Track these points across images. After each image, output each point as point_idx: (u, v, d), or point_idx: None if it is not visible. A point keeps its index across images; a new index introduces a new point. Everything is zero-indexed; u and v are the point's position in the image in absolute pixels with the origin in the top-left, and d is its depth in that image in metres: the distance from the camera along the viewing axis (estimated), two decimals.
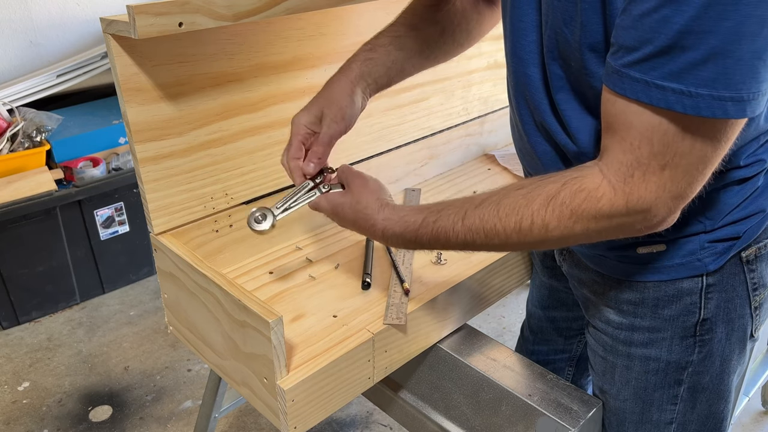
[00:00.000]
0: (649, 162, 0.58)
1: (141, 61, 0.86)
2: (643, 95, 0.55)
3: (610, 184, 0.61)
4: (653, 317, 0.78)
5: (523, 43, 0.73)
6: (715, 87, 0.52)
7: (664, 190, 0.59)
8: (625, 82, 0.56)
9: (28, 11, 2.32)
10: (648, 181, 0.59)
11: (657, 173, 0.58)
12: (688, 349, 0.78)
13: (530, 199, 0.66)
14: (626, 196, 0.60)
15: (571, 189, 0.63)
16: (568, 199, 0.63)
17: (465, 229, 0.70)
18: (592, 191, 0.62)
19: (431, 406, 1.03)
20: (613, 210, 0.61)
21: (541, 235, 0.66)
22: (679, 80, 0.53)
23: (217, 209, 1.03)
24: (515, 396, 0.90)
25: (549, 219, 0.64)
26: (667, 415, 0.83)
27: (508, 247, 0.70)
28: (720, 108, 0.53)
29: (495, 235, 0.68)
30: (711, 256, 0.74)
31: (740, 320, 0.78)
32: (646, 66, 0.54)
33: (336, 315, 0.94)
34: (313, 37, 1.07)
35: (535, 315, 1.12)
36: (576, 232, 0.64)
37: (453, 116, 1.38)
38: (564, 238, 0.65)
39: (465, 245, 0.72)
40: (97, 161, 2.19)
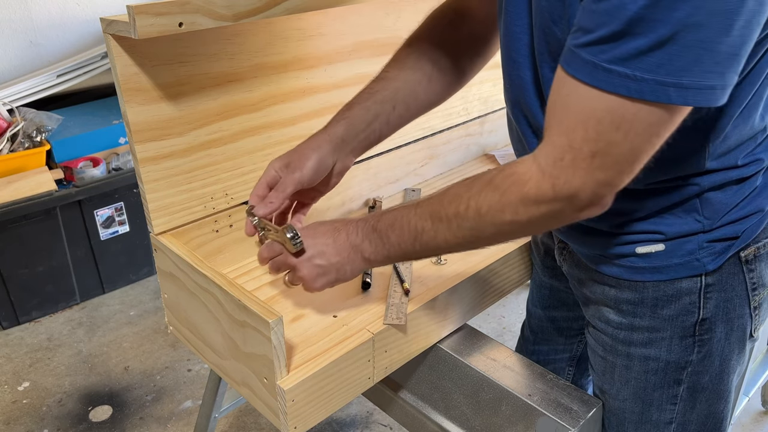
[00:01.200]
0: (581, 147, 0.59)
1: (141, 61, 0.86)
2: (590, 76, 0.56)
3: (539, 168, 0.62)
4: (652, 317, 0.78)
5: (517, 47, 0.73)
6: (659, 73, 0.53)
7: (591, 177, 0.60)
8: (576, 61, 0.57)
9: (28, 11, 2.32)
10: (577, 166, 0.60)
11: (587, 159, 0.59)
12: (688, 348, 0.78)
13: (470, 186, 0.69)
14: (553, 179, 0.61)
15: (504, 173, 0.66)
16: (499, 182, 0.66)
17: (416, 216, 0.74)
18: (521, 174, 0.64)
19: (431, 406, 1.03)
20: (539, 194, 0.63)
21: (475, 220, 0.68)
22: (626, 65, 0.54)
23: (217, 209, 1.03)
24: (515, 396, 0.90)
25: (481, 203, 0.67)
26: (666, 414, 0.83)
27: (449, 235, 0.71)
28: (663, 93, 0.54)
29: (438, 220, 0.71)
30: (710, 256, 0.74)
31: (739, 320, 0.78)
32: (596, 48, 0.56)
33: (336, 315, 0.94)
34: (313, 37, 1.07)
35: (535, 315, 1.12)
36: (506, 217, 0.66)
37: (453, 116, 1.38)
38: (497, 224, 0.67)
39: (416, 235, 0.74)
40: (97, 161, 2.19)
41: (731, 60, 0.54)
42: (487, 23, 0.90)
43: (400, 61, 0.91)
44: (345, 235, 0.81)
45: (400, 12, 1.18)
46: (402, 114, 0.91)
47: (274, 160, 0.88)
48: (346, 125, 0.88)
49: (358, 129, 0.89)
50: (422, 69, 0.90)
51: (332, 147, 0.87)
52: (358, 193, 1.25)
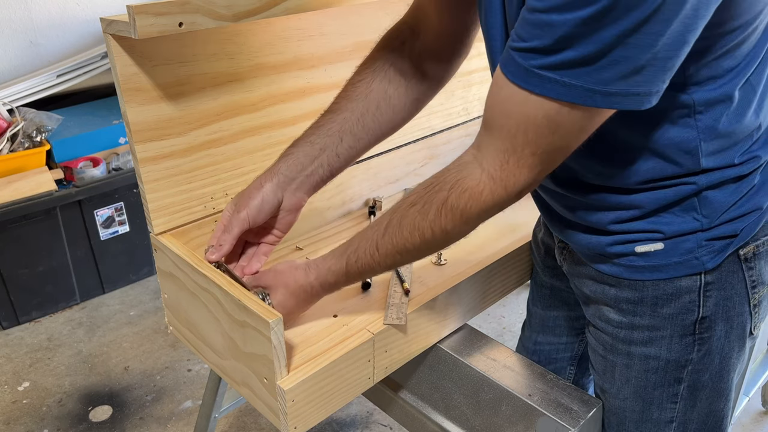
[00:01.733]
0: (523, 149, 0.64)
1: (141, 61, 0.86)
2: (524, 80, 0.60)
3: (489, 175, 0.67)
4: (652, 316, 0.78)
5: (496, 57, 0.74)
6: (587, 81, 0.57)
7: (533, 172, 0.66)
8: (512, 64, 0.61)
9: (28, 11, 2.32)
10: (521, 166, 0.65)
11: (528, 158, 0.64)
12: (688, 347, 0.78)
13: (425, 213, 0.73)
14: (503, 182, 0.67)
15: (456, 192, 0.70)
16: (455, 202, 0.70)
17: (382, 257, 0.78)
18: (475, 188, 0.68)
19: (431, 406, 1.03)
20: (495, 200, 0.68)
21: (443, 239, 0.74)
22: (556, 72, 0.58)
23: (217, 209, 1.03)
24: (515, 396, 0.90)
25: (445, 225, 0.72)
26: (667, 413, 0.83)
27: (423, 254, 0.78)
28: (590, 99, 0.58)
29: (406, 252, 0.77)
30: (709, 254, 0.74)
31: (739, 318, 0.78)
32: (528, 55, 0.59)
33: (336, 315, 0.94)
34: (313, 37, 1.07)
35: (535, 314, 1.12)
36: (470, 226, 0.73)
37: (453, 116, 1.38)
38: (463, 233, 0.74)
39: (391, 265, 0.80)
40: (97, 161, 2.19)
41: (658, 71, 0.57)
42: (443, 39, 0.89)
43: (348, 92, 0.90)
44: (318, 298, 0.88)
45: (400, 12, 1.18)
46: (352, 145, 0.91)
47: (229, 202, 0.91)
48: (290, 161, 0.89)
49: (303, 164, 0.89)
50: (373, 96, 0.90)
51: (275, 185, 0.89)
52: (358, 193, 1.25)
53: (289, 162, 0.89)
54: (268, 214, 0.90)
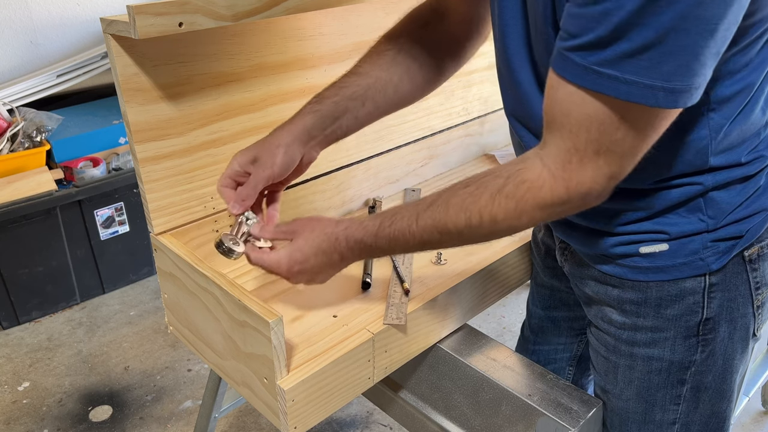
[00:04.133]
0: (586, 148, 0.61)
1: (141, 61, 0.86)
2: (581, 79, 0.58)
3: (550, 172, 0.64)
4: (656, 317, 0.78)
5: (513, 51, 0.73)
6: (648, 76, 0.55)
7: (600, 174, 0.62)
8: (567, 64, 0.59)
9: (28, 11, 2.32)
10: (585, 166, 0.62)
11: (593, 159, 0.61)
12: (691, 348, 0.78)
13: (477, 196, 0.69)
14: (566, 182, 0.63)
15: (514, 182, 0.67)
16: (512, 191, 0.67)
17: (420, 229, 0.74)
18: (534, 181, 0.65)
19: (431, 406, 1.03)
20: (554, 198, 0.65)
21: (491, 228, 0.70)
22: (614, 67, 0.55)
23: (217, 209, 1.03)
24: (515, 396, 0.90)
25: (496, 212, 0.68)
26: (670, 415, 0.83)
27: (462, 241, 0.73)
28: (652, 96, 0.56)
29: (447, 232, 0.72)
30: (713, 256, 0.74)
31: (743, 319, 0.78)
32: (585, 52, 0.57)
33: (336, 315, 0.94)
34: (313, 37, 1.07)
35: (535, 315, 1.12)
36: (523, 222, 0.68)
37: (453, 116, 1.38)
38: (511, 228, 0.70)
39: (423, 244, 0.75)
40: (97, 161, 2.19)
41: (713, 60, 0.56)
42: (464, 26, 0.90)
43: (373, 58, 0.91)
44: (338, 257, 0.81)
45: (400, 12, 1.18)
46: (370, 111, 0.91)
47: (237, 153, 0.87)
48: (314, 119, 0.88)
49: (326, 123, 0.88)
50: (396, 68, 0.90)
51: (300, 141, 0.88)
52: (358, 193, 1.25)
53: (314, 120, 0.88)
54: (290, 170, 0.89)
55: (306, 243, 0.81)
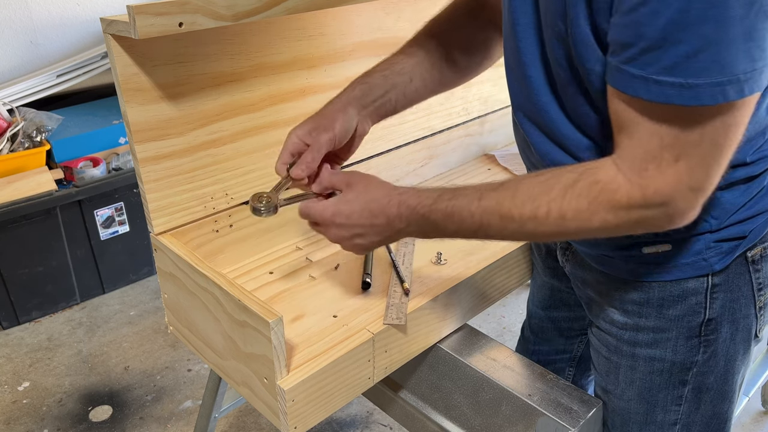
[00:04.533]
0: (662, 154, 0.58)
1: (141, 61, 0.86)
2: (643, 91, 0.56)
3: (626, 177, 0.61)
4: (658, 317, 0.78)
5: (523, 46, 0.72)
6: (710, 74, 0.53)
7: (681, 182, 0.59)
8: (625, 78, 0.57)
9: (28, 11, 2.32)
10: (664, 173, 0.59)
11: (672, 165, 0.58)
12: (693, 349, 0.78)
13: (548, 187, 0.65)
14: (642, 189, 0.60)
15: (587, 180, 0.63)
16: (584, 189, 0.63)
17: (480, 210, 0.69)
18: (608, 183, 0.62)
19: (431, 406, 1.03)
20: (630, 202, 0.61)
21: (557, 225, 0.65)
22: (675, 73, 0.53)
23: (217, 209, 1.03)
24: (515, 396, 0.90)
25: (566, 209, 0.64)
26: (671, 415, 0.82)
27: (521, 235, 0.68)
28: (720, 93, 0.53)
29: (510, 219, 0.67)
30: (717, 256, 0.74)
31: (745, 320, 0.78)
32: (641, 62, 0.55)
33: (336, 315, 0.94)
34: (313, 37, 1.07)
35: (535, 315, 1.12)
36: (593, 224, 0.63)
37: (453, 116, 1.38)
38: (581, 230, 0.65)
39: (479, 228, 0.70)
40: (97, 161, 2.19)
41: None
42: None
43: (421, 40, 0.92)
44: (385, 220, 0.76)
45: (400, 12, 1.18)
46: (418, 88, 0.91)
47: (293, 129, 0.86)
48: (364, 90, 0.88)
49: (375, 95, 0.88)
50: (441, 52, 0.91)
51: (354, 109, 0.87)
52: None
53: (364, 91, 0.88)
54: (348, 137, 0.87)
55: (356, 197, 0.77)
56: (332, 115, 0.86)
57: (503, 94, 1.48)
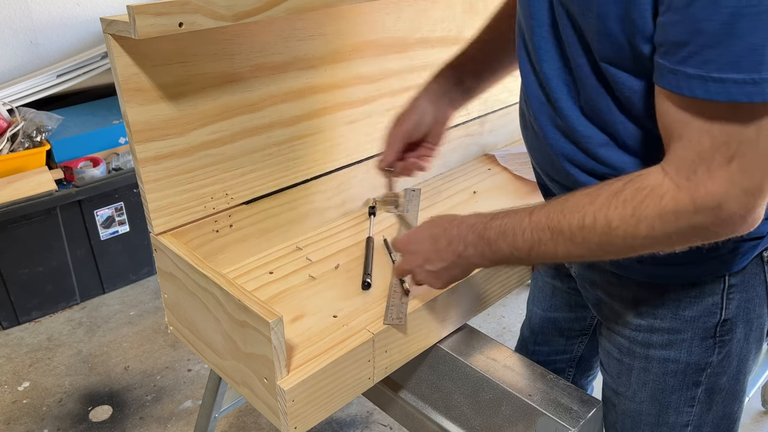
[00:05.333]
0: (713, 155, 0.55)
1: (141, 62, 0.86)
2: (701, 91, 0.53)
3: (673, 182, 0.58)
4: (673, 318, 0.77)
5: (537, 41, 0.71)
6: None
7: (733, 184, 0.56)
8: (681, 80, 0.54)
9: (28, 11, 2.32)
10: (714, 175, 0.56)
11: (724, 166, 0.55)
12: (708, 350, 0.77)
13: (594, 197, 0.64)
14: (691, 193, 0.57)
15: (633, 186, 0.61)
16: (630, 196, 0.61)
17: (532, 225, 0.69)
18: (655, 188, 0.60)
19: (431, 406, 1.03)
20: (678, 207, 0.58)
21: (605, 234, 0.63)
22: (739, 69, 0.51)
23: (217, 209, 1.03)
24: (515, 396, 0.90)
25: (612, 216, 0.62)
26: (683, 417, 0.82)
27: (574, 247, 0.66)
28: None
29: (559, 232, 0.66)
30: (735, 257, 0.73)
31: (758, 320, 0.77)
32: (699, 59, 0.52)
33: (336, 315, 0.94)
34: (313, 37, 1.07)
35: (536, 315, 1.11)
36: (641, 231, 0.61)
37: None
38: (629, 238, 0.62)
39: (533, 244, 0.69)
40: (97, 161, 2.19)
41: None
42: None
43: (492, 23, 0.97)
44: (446, 243, 0.79)
45: (400, 12, 1.18)
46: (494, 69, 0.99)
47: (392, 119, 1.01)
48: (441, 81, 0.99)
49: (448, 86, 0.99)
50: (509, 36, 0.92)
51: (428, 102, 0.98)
52: (358, 193, 1.25)
53: (440, 81, 0.99)
54: (426, 127, 0.99)
55: (424, 224, 0.84)
56: (408, 110, 0.99)
57: (503, 94, 1.48)
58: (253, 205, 1.07)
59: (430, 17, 1.24)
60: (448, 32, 1.28)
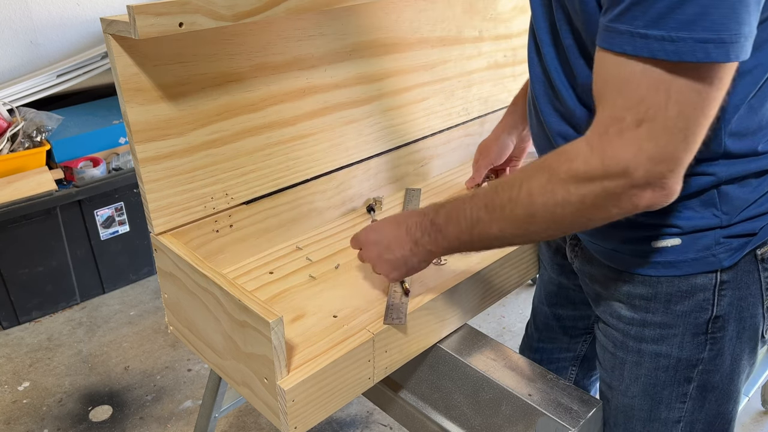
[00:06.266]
0: (624, 116, 0.56)
1: (141, 62, 0.86)
2: (628, 46, 0.55)
3: (587, 143, 0.60)
4: (665, 313, 0.78)
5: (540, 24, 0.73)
6: (694, 29, 0.51)
7: (641, 150, 0.56)
8: (613, 36, 0.56)
9: (28, 11, 2.32)
10: (624, 138, 0.57)
11: (632, 129, 0.56)
12: (699, 346, 0.78)
13: (525, 170, 0.66)
14: (601, 153, 0.58)
15: (556, 152, 0.64)
16: (550, 161, 0.63)
17: (471, 205, 0.72)
18: (570, 151, 0.62)
19: (431, 406, 1.03)
20: (588, 169, 0.60)
21: (529, 205, 0.65)
22: (660, 26, 0.52)
23: (217, 209, 1.03)
24: (515, 396, 0.90)
25: (533, 185, 0.64)
26: (675, 413, 0.82)
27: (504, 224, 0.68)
28: (702, 51, 0.52)
29: (493, 209, 0.69)
30: (726, 252, 0.73)
31: (752, 320, 0.77)
32: (629, 16, 0.54)
33: (336, 315, 0.94)
34: (313, 37, 1.07)
35: (541, 312, 1.11)
36: (557, 197, 0.62)
37: (453, 116, 1.38)
38: (549, 206, 0.63)
39: (473, 227, 0.72)
40: (97, 161, 2.19)
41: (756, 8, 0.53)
42: None
43: None
44: (405, 230, 0.82)
45: (400, 12, 1.18)
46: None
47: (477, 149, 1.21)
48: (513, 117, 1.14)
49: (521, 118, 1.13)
50: None
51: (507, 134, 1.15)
52: (358, 193, 1.25)
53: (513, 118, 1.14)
54: (507, 154, 1.17)
55: (385, 219, 0.88)
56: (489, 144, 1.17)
57: (503, 94, 1.48)
58: (253, 205, 1.07)
59: (430, 17, 1.24)
60: (448, 32, 1.28)
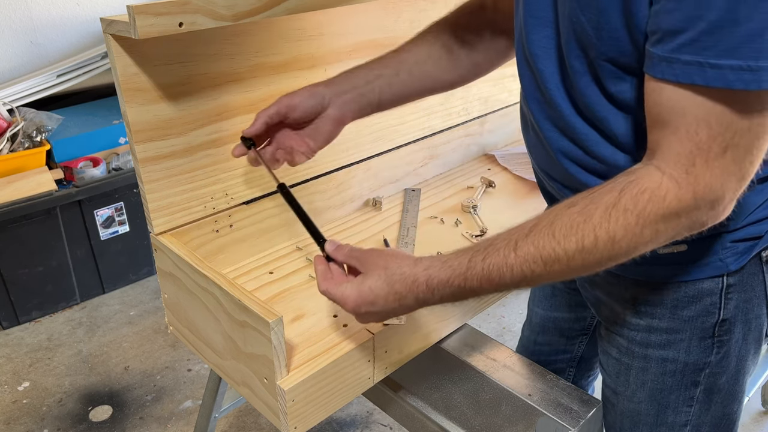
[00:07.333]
0: (710, 146, 0.55)
1: (141, 61, 0.86)
2: (699, 77, 0.53)
3: (673, 179, 0.57)
4: (672, 318, 0.77)
5: (534, 39, 0.71)
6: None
7: (729, 174, 0.56)
8: (676, 67, 0.54)
9: (28, 11, 2.32)
10: (712, 166, 0.55)
11: (719, 157, 0.55)
12: (707, 350, 0.77)
13: (588, 214, 0.60)
14: (692, 187, 0.56)
15: (631, 193, 0.59)
16: (630, 204, 0.58)
17: (520, 260, 0.63)
18: (655, 190, 0.58)
19: (431, 406, 1.03)
20: (681, 205, 0.57)
21: (608, 250, 0.60)
22: (736, 56, 0.50)
23: (217, 209, 1.03)
24: (515, 396, 0.90)
25: (614, 230, 0.59)
26: (682, 417, 0.81)
27: (570, 271, 0.63)
28: None
29: (555, 260, 0.62)
30: (733, 256, 0.73)
31: (757, 321, 0.77)
32: (698, 46, 0.52)
33: (336, 315, 0.94)
34: (313, 37, 1.07)
35: (536, 315, 1.11)
36: (645, 238, 0.59)
37: (453, 116, 1.38)
38: (633, 248, 0.60)
39: (522, 279, 0.64)
40: (97, 161, 2.19)
41: None
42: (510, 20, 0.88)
43: (416, 38, 0.93)
44: (414, 300, 0.71)
45: (400, 12, 1.18)
46: (405, 81, 0.90)
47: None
48: (345, 76, 0.89)
49: (357, 83, 0.88)
50: (435, 46, 0.91)
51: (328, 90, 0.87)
52: (358, 192, 1.25)
53: (344, 76, 0.89)
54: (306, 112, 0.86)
55: (377, 283, 0.71)
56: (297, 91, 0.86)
57: (503, 94, 1.48)
58: (253, 205, 1.07)
59: (430, 17, 1.23)
60: None
